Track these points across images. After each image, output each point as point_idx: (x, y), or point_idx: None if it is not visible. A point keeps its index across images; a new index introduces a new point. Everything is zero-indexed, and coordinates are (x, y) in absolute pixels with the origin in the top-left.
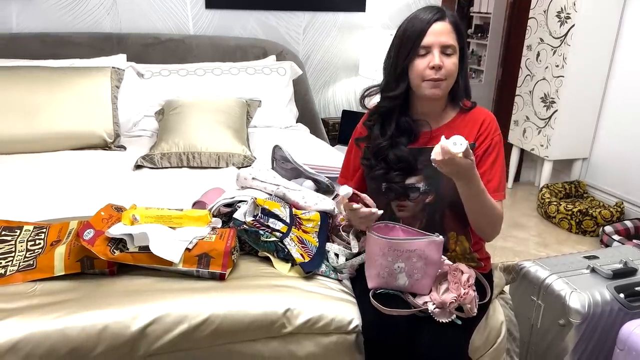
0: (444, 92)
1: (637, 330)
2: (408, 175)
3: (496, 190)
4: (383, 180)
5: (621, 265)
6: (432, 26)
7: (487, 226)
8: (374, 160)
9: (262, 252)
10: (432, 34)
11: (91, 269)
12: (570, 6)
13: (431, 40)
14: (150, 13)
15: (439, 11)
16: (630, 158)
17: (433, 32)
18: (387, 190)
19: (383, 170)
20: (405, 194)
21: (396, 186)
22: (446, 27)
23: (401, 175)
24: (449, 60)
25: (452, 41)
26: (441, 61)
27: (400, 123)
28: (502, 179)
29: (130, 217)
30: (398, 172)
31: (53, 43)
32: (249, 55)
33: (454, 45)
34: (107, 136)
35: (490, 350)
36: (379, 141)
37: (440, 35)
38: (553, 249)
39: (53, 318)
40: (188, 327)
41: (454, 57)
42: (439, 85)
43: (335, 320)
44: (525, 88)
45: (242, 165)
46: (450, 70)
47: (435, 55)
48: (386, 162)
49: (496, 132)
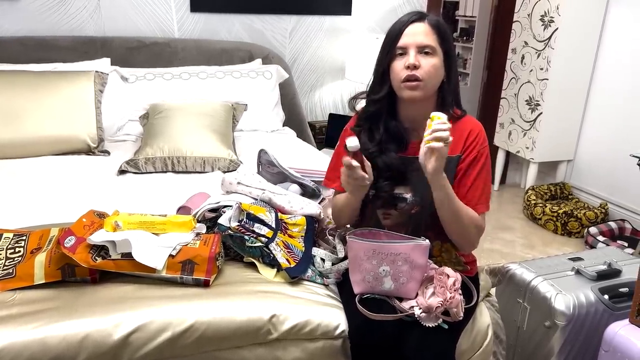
0: (424, 94)
1: (622, 331)
2: (397, 184)
3: (478, 202)
4: (371, 187)
5: (605, 267)
6: (409, 27)
7: (465, 235)
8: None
9: (248, 257)
10: (408, 35)
11: (72, 276)
12: (554, 10)
13: (407, 41)
14: (134, 16)
15: (419, 14)
16: (613, 160)
17: (409, 33)
18: (374, 198)
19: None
20: (393, 204)
21: (384, 194)
22: (424, 27)
23: (390, 185)
24: (427, 60)
25: (431, 42)
26: (417, 60)
27: (390, 128)
28: (486, 191)
29: (113, 224)
30: (387, 182)
31: (35, 47)
32: (234, 59)
33: (432, 46)
34: (91, 141)
35: (477, 353)
36: (367, 147)
37: (417, 35)
38: (539, 250)
39: (33, 327)
40: (172, 335)
41: (434, 59)
42: (417, 86)
43: (321, 325)
44: (511, 91)
45: (228, 169)
46: (428, 70)
47: (410, 54)
48: (376, 170)
49: (483, 145)
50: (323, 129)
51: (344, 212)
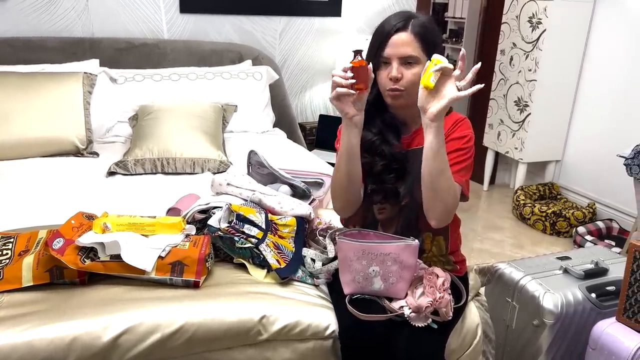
0: (407, 102)
1: (609, 329)
2: (400, 179)
3: (456, 171)
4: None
5: (592, 266)
6: (392, 38)
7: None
8: (369, 156)
9: (238, 258)
10: (391, 46)
11: (61, 279)
12: (542, 12)
13: (390, 53)
14: (123, 17)
15: (403, 20)
16: (601, 160)
17: (392, 44)
18: (372, 193)
19: (382, 165)
20: (392, 196)
21: (389, 187)
22: (407, 38)
23: (395, 178)
24: (410, 71)
25: (414, 52)
26: (400, 72)
27: (386, 119)
28: (465, 167)
29: (102, 225)
30: (392, 175)
31: (23, 48)
32: (224, 60)
33: (415, 56)
34: (80, 142)
35: (467, 352)
36: (369, 138)
37: (399, 47)
38: (528, 250)
39: (20, 330)
40: (162, 336)
41: (417, 67)
42: (400, 95)
43: (311, 326)
44: (499, 92)
45: (218, 170)
46: (411, 80)
47: (393, 67)
48: (382, 157)
49: (467, 130)
50: (313, 130)
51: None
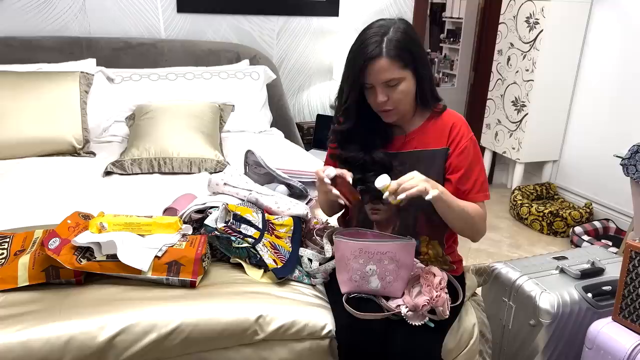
0: (400, 116)
1: (605, 329)
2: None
3: (478, 190)
4: (359, 182)
5: (589, 266)
6: (369, 66)
7: (474, 229)
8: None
9: (234, 258)
10: (370, 74)
11: (57, 278)
12: (539, 12)
13: (371, 80)
14: (120, 17)
15: (376, 44)
16: (598, 160)
17: (371, 72)
18: (362, 192)
19: (360, 174)
20: (380, 197)
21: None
22: (383, 64)
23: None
24: (395, 90)
25: (393, 74)
26: (385, 96)
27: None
28: (481, 179)
29: (98, 225)
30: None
31: (19, 47)
32: (221, 60)
33: (396, 78)
34: (76, 142)
35: (463, 352)
36: (352, 154)
37: (378, 74)
38: (525, 250)
39: (16, 330)
40: (158, 336)
41: (401, 85)
42: (391, 114)
43: (308, 325)
44: (497, 92)
45: (215, 170)
46: (398, 99)
47: (378, 92)
48: (363, 167)
49: (468, 135)
50: (311, 130)
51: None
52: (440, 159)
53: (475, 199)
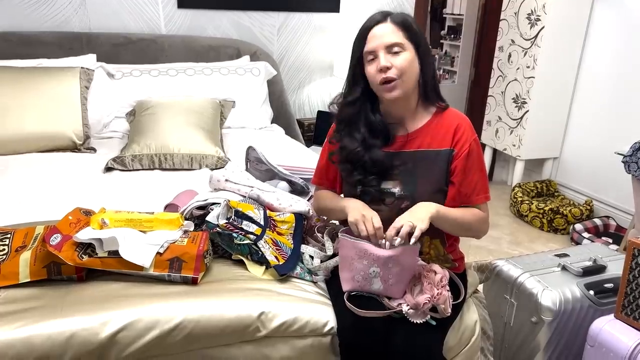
0: (404, 91)
1: (607, 326)
2: (383, 179)
3: (479, 193)
4: (359, 183)
5: (590, 263)
6: (372, 30)
7: (475, 233)
8: (351, 165)
9: (236, 255)
10: (373, 38)
11: (58, 275)
12: (540, 8)
13: (374, 45)
14: (120, 12)
15: (382, 14)
16: (598, 157)
17: (374, 36)
18: (362, 194)
19: (361, 175)
20: (381, 198)
21: (372, 190)
22: (388, 27)
23: (377, 179)
24: (398, 58)
25: (398, 39)
26: (388, 61)
27: (373, 124)
28: (482, 181)
29: (99, 221)
30: (374, 176)
31: (19, 42)
32: (222, 56)
33: (400, 43)
34: (77, 138)
35: (465, 349)
36: (352, 148)
37: (382, 37)
38: (525, 247)
39: (17, 326)
40: (160, 333)
41: (405, 54)
42: (394, 86)
43: (310, 322)
44: (498, 89)
45: (216, 166)
46: (402, 67)
47: (380, 57)
48: (363, 168)
49: (472, 137)
50: (312, 126)
51: (331, 213)
52: (443, 159)
53: (477, 201)
